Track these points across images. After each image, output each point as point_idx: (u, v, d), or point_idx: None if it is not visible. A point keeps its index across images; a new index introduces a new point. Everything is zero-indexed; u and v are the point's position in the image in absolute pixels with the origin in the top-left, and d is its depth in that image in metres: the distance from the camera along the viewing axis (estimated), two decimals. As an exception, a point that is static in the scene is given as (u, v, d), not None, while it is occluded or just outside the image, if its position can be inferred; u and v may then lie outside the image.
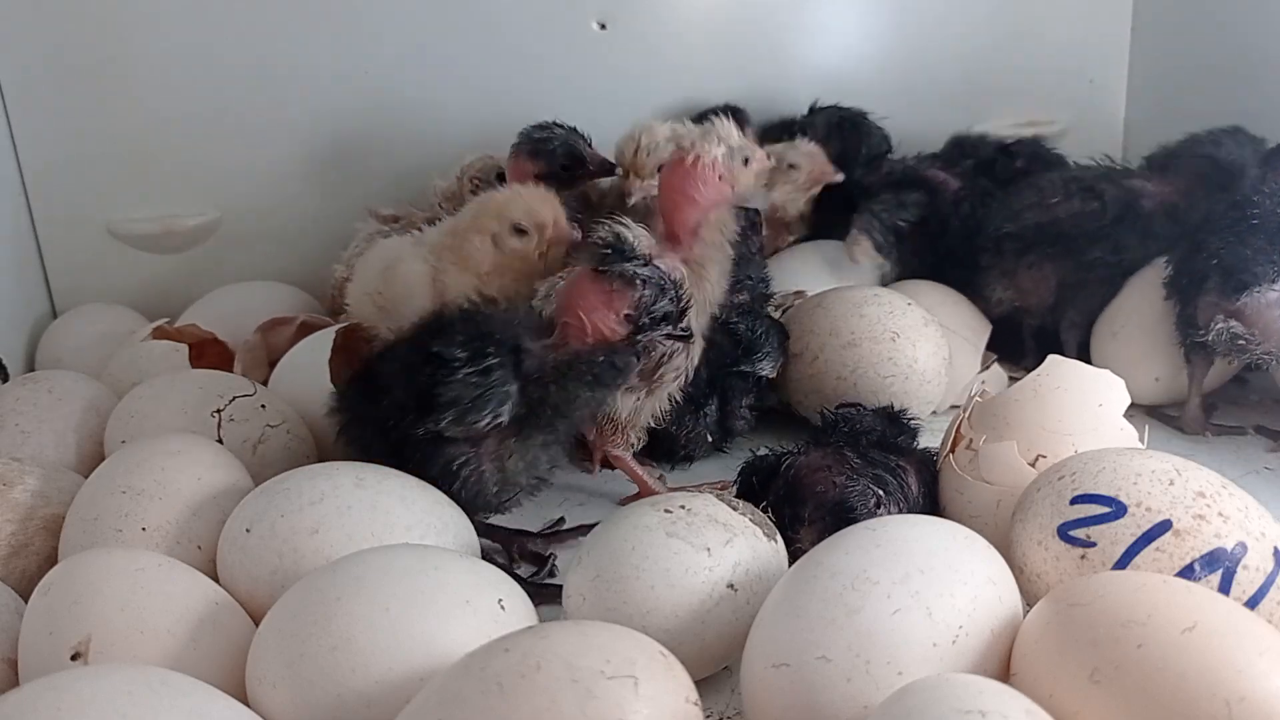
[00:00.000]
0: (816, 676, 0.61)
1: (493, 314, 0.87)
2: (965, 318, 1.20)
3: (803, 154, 1.29)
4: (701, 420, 1.06)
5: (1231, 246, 1.00)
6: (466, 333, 0.85)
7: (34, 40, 1.30)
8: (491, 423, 0.84)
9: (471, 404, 0.83)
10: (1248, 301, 0.98)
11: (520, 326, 0.87)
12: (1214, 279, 1.01)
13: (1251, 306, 0.98)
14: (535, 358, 0.86)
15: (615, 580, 0.72)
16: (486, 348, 0.84)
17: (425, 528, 0.81)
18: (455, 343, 0.84)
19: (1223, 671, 0.54)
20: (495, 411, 0.83)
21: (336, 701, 0.64)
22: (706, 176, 0.94)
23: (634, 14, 1.43)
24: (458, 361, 0.83)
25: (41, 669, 0.67)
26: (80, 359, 1.22)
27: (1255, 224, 1.00)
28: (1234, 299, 0.99)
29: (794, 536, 0.82)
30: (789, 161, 1.28)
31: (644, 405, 0.96)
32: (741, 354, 1.06)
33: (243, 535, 0.78)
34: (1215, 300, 1.01)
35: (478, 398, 0.83)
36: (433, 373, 0.83)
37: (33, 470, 0.89)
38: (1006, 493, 0.80)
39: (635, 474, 1.00)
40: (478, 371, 0.83)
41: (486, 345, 0.84)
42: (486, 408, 0.83)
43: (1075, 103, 1.56)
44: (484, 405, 0.83)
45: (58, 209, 1.36)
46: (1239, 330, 0.99)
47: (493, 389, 0.83)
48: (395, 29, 1.37)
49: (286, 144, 1.40)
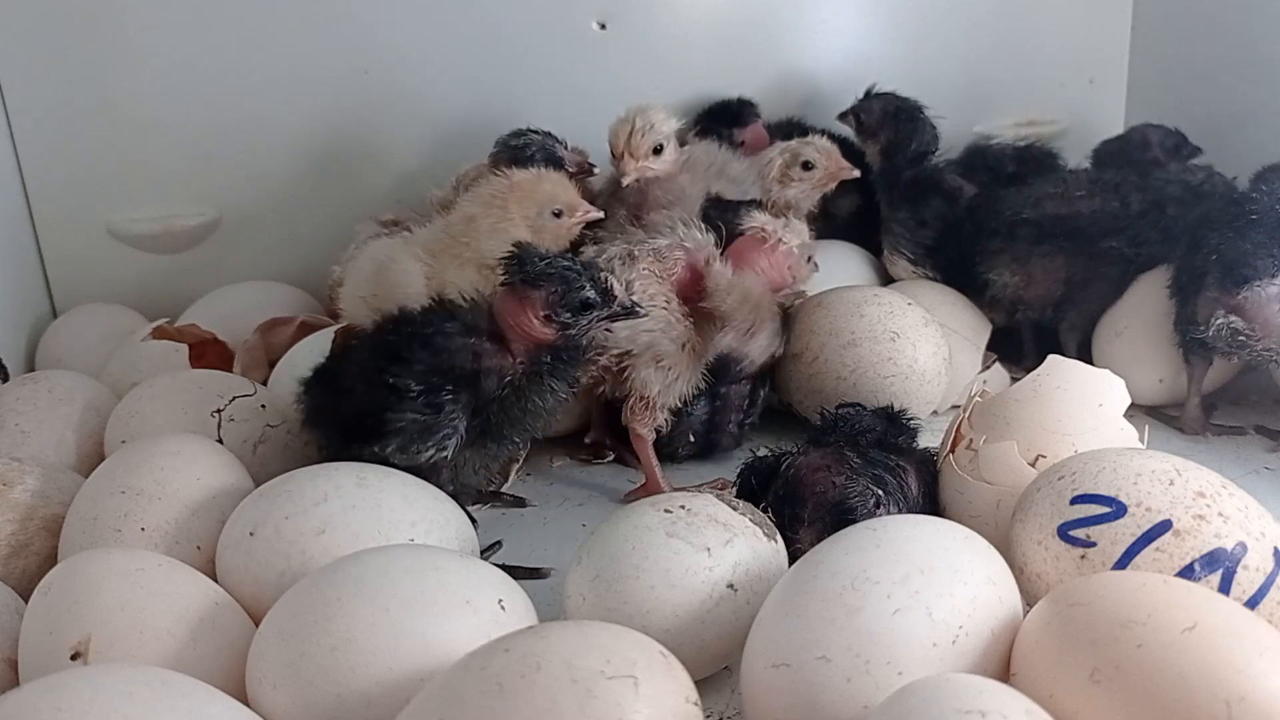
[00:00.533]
0: (816, 676, 0.61)
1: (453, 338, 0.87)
2: (965, 318, 1.20)
3: (819, 151, 1.27)
4: (685, 419, 1.06)
5: (1231, 242, 1.00)
6: (426, 362, 0.85)
7: (34, 40, 1.30)
8: (434, 456, 0.86)
9: (417, 435, 0.85)
10: (1248, 296, 0.98)
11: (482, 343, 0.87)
12: (1214, 274, 1.01)
13: (1252, 301, 0.98)
14: (494, 376, 0.87)
15: (615, 580, 0.72)
16: (444, 383, 0.85)
17: (429, 524, 0.82)
18: (414, 373, 0.85)
19: (1223, 671, 0.54)
20: (440, 445, 0.85)
21: (336, 701, 0.64)
22: (778, 261, 1.02)
23: (634, 14, 1.43)
24: (412, 394, 0.84)
25: (41, 669, 0.67)
26: (80, 359, 1.22)
27: (1255, 219, 1.00)
28: (1234, 294, 0.99)
29: (794, 536, 0.82)
30: (804, 159, 1.27)
31: (674, 385, 0.98)
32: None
33: (246, 539, 0.78)
34: (1215, 295, 1.01)
35: (424, 430, 0.85)
36: (385, 399, 0.85)
37: (33, 470, 0.89)
38: (1006, 493, 0.80)
39: (648, 461, 1.01)
40: (430, 405, 0.85)
41: (444, 380, 0.85)
42: (431, 440, 0.85)
43: (1075, 103, 1.56)
44: (429, 438, 0.85)
45: (58, 209, 1.36)
46: (1239, 325, 0.99)
47: (441, 425, 0.85)
48: (395, 29, 1.37)
49: (286, 144, 1.40)
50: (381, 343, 0.89)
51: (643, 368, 0.98)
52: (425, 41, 1.38)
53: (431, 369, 0.85)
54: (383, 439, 0.85)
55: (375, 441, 0.85)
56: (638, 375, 0.98)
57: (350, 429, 0.87)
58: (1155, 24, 1.50)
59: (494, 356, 0.88)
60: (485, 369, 0.87)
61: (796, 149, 1.27)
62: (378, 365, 0.86)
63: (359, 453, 0.86)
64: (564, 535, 0.97)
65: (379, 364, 0.86)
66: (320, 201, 1.41)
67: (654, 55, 1.44)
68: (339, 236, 1.27)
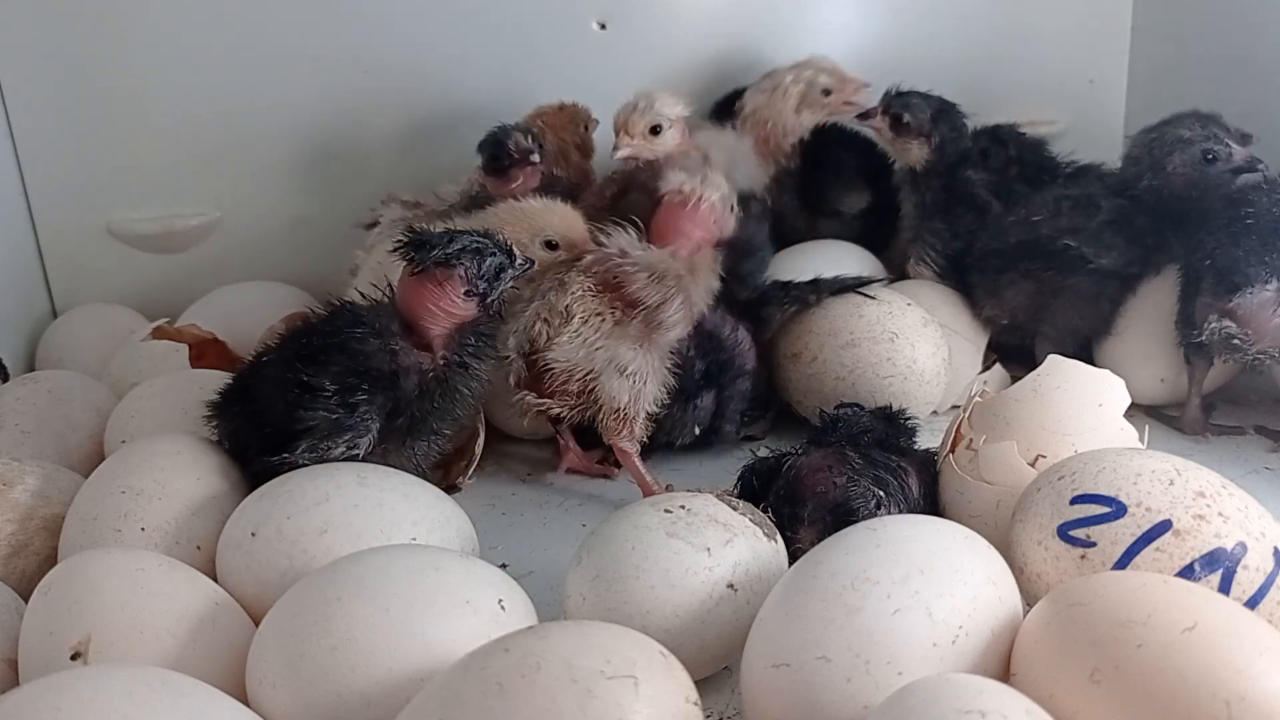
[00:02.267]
0: (816, 676, 0.61)
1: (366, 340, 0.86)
2: (966, 318, 1.20)
3: (831, 74, 1.24)
4: (691, 410, 1.06)
5: (1225, 247, 1.00)
6: (341, 364, 0.85)
7: (34, 40, 1.30)
8: (344, 455, 0.85)
9: (328, 433, 0.84)
10: (1240, 302, 0.98)
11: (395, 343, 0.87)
12: (1209, 279, 1.01)
13: (1244, 307, 0.99)
14: (413, 374, 0.87)
15: (615, 580, 0.72)
16: (360, 383, 0.85)
17: (430, 523, 0.82)
18: (329, 373, 0.84)
19: (1223, 671, 0.54)
20: (351, 444, 0.85)
21: (336, 701, 0.64)
22: (703, 218, 1.00)
23: (634, 14, 1.43)
24: (326, 392, 0.84)
25: (41, 669, 0.67)
26: (80, 359, 1.22)
27: (1249, 224, 1.00)
28: (1227, 299, 0.99)
29: (794, 536, 0.82)
30: (822, 86, 1.25)
31: (643, 390, 0.97)
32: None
33: (248, 539, 0.78)
34: (1210, 300, 1.01)
35: (334, 428, 0.84)
36: (298, 399, 0.84)
37: (33, 470, 0.89)
38: (1006, 493, 0.80)
39: (638, 472, 1.00)
40: (343, 405, 0.84)
41: (360, 380, 0.85)
42: (341, 439, 0.84)
43: (1075, 103, 1.56)
44: (339, 436, 0.84)
45: (58, 209, 1.36)
46: (1232, 330, 0.99)
47: (353, 423, 0.84)
48: (395, 29, 1.37)
49: (286, 144, 1.39)
50: (293, 351, 0.88)
51: (608, 381, 0.97)
52: (425, 41, 1.38)
53: (347, 370, 0.85)
54: (292, 440, 0.84)
55: (286, 445, 0.84)
56: (605, 390, 0.97)
57: (271, 440, 0.85)
58: (1155, 24, 1.50)
59: (409, 354, 0.87)
60: (403, 368, 0.87)
61: (811, 76, 1.25)
62: (291, 369, 0.85)
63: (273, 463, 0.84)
64: (564, 535, 0.97)
65: (293, 368, 0.85)
66: (320, 201, 1.41)
67: (654, 55, 1.44)
68: (339, 236, 1.27)
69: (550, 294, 0.97)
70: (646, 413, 0.99)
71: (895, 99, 1.26)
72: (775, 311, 1.11)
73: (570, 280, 0.97)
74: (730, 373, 1.07)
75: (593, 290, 0.97)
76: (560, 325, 0.96)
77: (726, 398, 1.08)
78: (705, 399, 1.06)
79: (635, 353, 0.97)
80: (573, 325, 0.95)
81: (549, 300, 0.96)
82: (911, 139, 1.25)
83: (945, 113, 1.25)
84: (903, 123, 1.24)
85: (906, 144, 1.26)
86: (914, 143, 1.25)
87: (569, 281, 0.97)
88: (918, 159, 1.26)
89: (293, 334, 0.91)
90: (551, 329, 0.96)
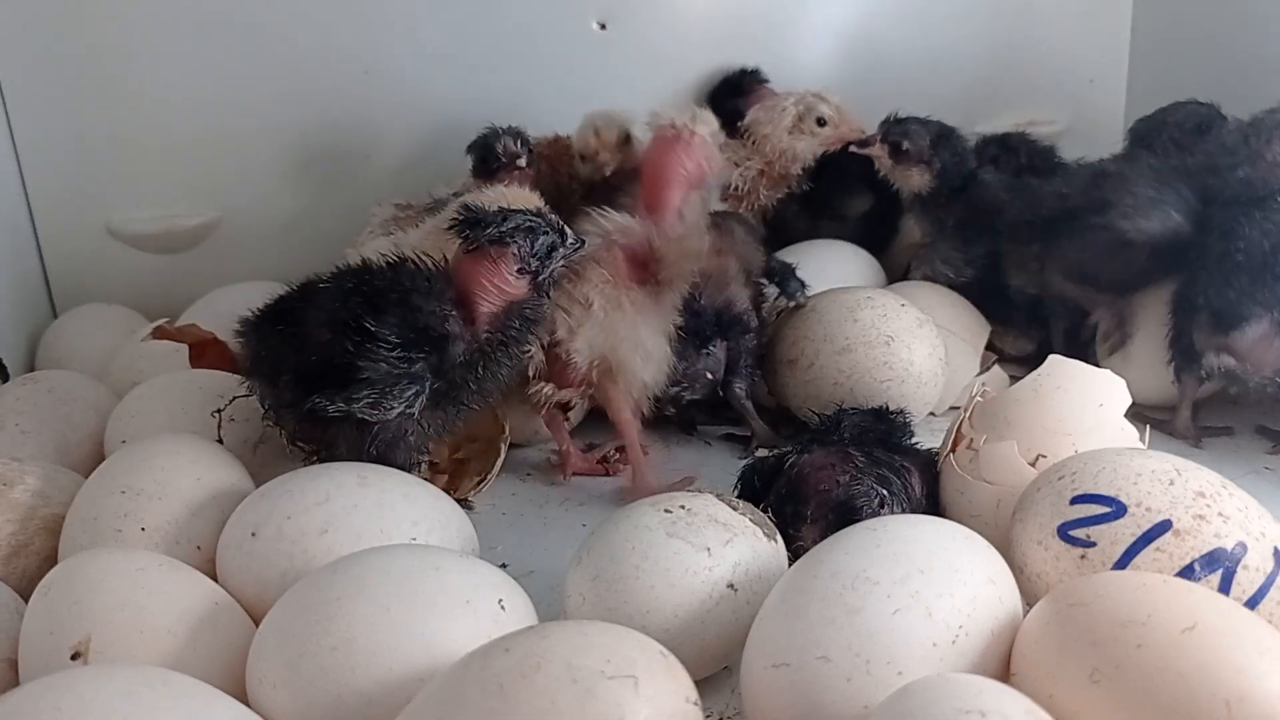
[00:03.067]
0: (816, 676, 0.61)
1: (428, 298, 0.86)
2: (962, 318, 1.20)
3: (835, 109, 1.24)
4: (705, 358, 1.06)
5: (1218, 288, 1.01)
6: (401, 318, 0.85)
7: (34, 40, 1.30)
8: (404, 412, 0.84)
9: (389, 389, 0.83)
10: (1237, 337, 1.01)
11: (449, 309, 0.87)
12: (1204, 316, 1.03)
13: (1242, 342, 1.01)
14: (459, 343, 0.87)
15: (615, 580, 0.72)
16: (419, 339, 0.84)
17: (431, 523, 0.82)
18: (390, 325, 0.84)
19: (1223, 671, 0.54)
20: (410, 402, 0.84)
21: (336, 701, 0.64)
22: (693, 153, 0.98)
23: (634, 14, 1.43)
24: (386, 345, 0.83)
25: (41, 669, 0.67)
26: (80, 359, 1.22)
27: (1239, 261, 1.00)
28: (1225, 335, 1.01)
29: (796, 535, 0.82)
30: (819, 114, 1.24)
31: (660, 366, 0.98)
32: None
33: (248, 539, 0.78)
34: (1208, 335, 1.02)
35: (396, 384, 0.83)
36: (360, 347, 0.83)
37: (33, 470, 0.89)
38: (1007, 493, 0.80)
39: (635, 446, 1.00)
40: (404, 359, 0.83)
41: (419, 336, 0.84)
42: (403, 396, 0.84)
43: (1075, 103, 1.56)
44: (402, 393, 0.84)
45: (58, 209, 1.36)
46: (1231, 364, 1.02)
47: (414, 379, 0.84)
48: (395, 29, 1.37)
49: (286, 144, 1.40)
50: (352, 289, 0.87)
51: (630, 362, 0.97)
52: (425, 41, 1.38)
53: (406, 324, 0.85)
54: (353, 389, 0.82)
55: (343, 392, 0.83)
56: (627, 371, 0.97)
57: (312, 378, 0.84)
58: (1155, 24, 1.50)
59: (458, 324, 0.88)
60: (451, 335, 0.87)
61: (813, 102, 1.25)
62: (349, 311, 0.84)
63: (318, 405, 0.83)
64: (564, 535, 0.97)
65: (351, 310, 0.84)
66: (320, 201, 1.41)
67: (654, 55, 1.44)
68: (339, 236, 1.27)
69: (567, 284, 0.96)
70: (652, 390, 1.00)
71: (893, 126, 1.26)
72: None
73: (584, 271, 0.97)
74: (738, 327, 1.08)
75: (609, 281, 0.97)
76: (582, 315, 0.96)
77: (736, 352, 1.08)
78: (717, 347, 1.07)
79: (653, 332, 0.98)
80: (595, 314, 0.96)
81: (566, 290, 0.96)
82: (912, 165, 1.25)
83: (945, 138, 1.25)
84: (902, 150, 1.25)
85: (907, 171, 1.25)
86: (914, 169, 1.25)
87: (587, 271, 0.97)
88: (920, 185, 1.26)
89: (348, 271, 0.90)
90: (573, 319, 0.96)
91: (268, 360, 0.88)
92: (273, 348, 0.87)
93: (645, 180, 1.00)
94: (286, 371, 0.86)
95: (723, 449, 1.14)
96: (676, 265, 0.97)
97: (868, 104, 1.43)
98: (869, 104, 1.43)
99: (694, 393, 1.09)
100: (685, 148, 0.99)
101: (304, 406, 0.84)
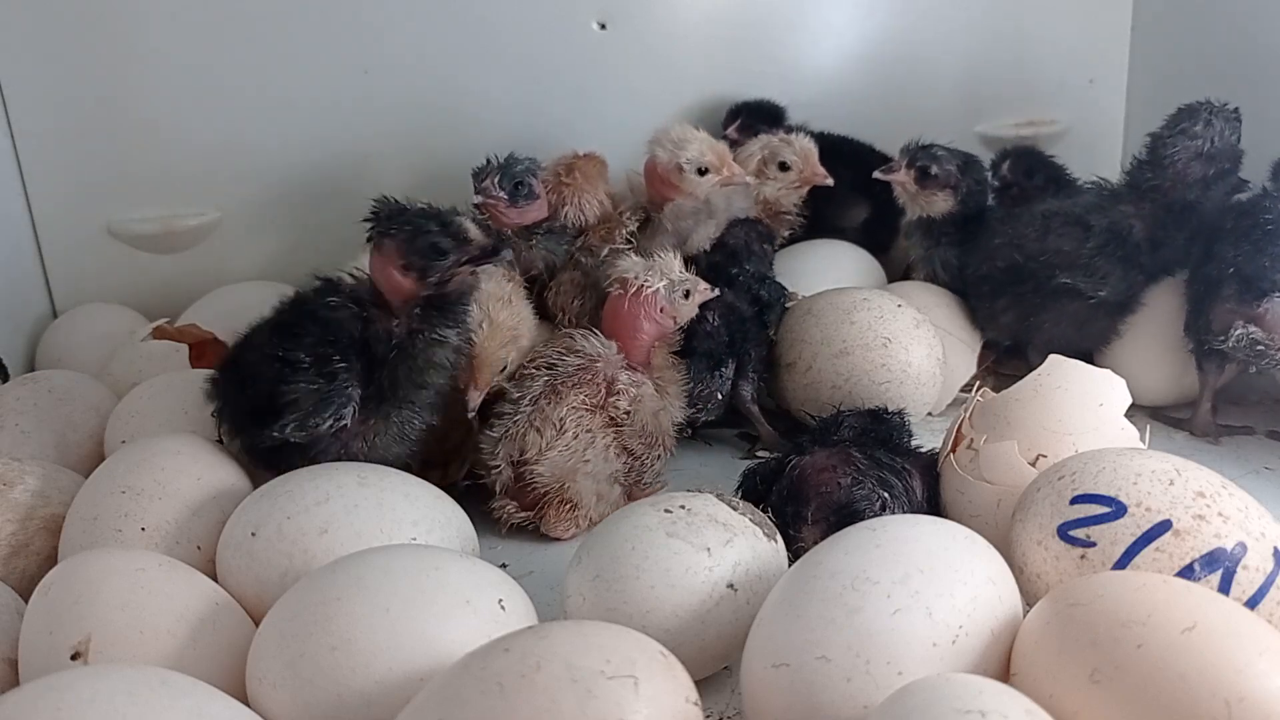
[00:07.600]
0: (816, 676, 0.61)
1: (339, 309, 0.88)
2: (960, 319, 1.20)
3: (797, 153, 1.25)
4: (717, 379, 1.07)
5: (1248, 255, 1.01)
6: (314, 334, 0.86)
7: (34, 41, 1.30)
8: (334, 426, 0.86)
9: (313, 407, 0.85)
10: (1268, 308, 1.00)
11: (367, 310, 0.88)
12: (1231, 286, 1.02)
13: (1272, 313, 1.00)
14: (381, 340, 0.88)
15: (615, 580, 0.72)
16: (333, 352, 0.86)
17: (430, 523, 0.82)
18: (303, 345, 0.86)
19: (1223, 671, 0.54)
20: (337, 415, 0.86)
21: (336, 701, 0.64)
22: (649, 310, 0.98)
23: (634, 14, 1.43)
24: (303, 364, 0.85)
25: (41, 669, 0.67)
26: (80, 359, 1.22)
27: (1270, 230, 1.01)
28: (1254, 306, 1.01)
29: (797, 536, 0.82)
30: (781, 159, 1.25)
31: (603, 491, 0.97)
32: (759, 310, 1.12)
33: (248, 539, 0.78)
34: (1234, 307, 1.02)
35: (319, 400, 0.85)
36: (279, 373, 0.85)
37: (33, 470, 0.89)
38: (1007, 492, 0.80)
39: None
40: (321, 375, 0.85)
41: (333, 349, 0.86)
42: (328, 411, 0.85)
43: (1075, 103, 1.56)
44: (325, 408, 0.85)
45: (58, 209, 1.36)
46: (1259, 336, 1.01)
47: (335, 392, 0.85)
48: (395, 30, 1.37)
49: (286, 144, 1.39)
50: (275, 324, 0.90)
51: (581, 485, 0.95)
52: (425, 41, 1.38)
53: (320, 340, 0.86)
54: (279, 416, 0.85)
55: (274, 421, 0.85)
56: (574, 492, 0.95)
57: (260, 413, 0.87)
58: (1155, 24, 1.50)
59: (378, 321, 0.89)
60: (372, 334, 0.88)
61: (776, 147, 1.26)
62: (270, 344, 0.87)
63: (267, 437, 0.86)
64: (564, 535, 0.97)
65: (271, 342, 0.87)
66: (320, 202, 1.40)
67: (654, 55, 1.44)
68: (339, 237, 1.27)
69: (543, 401, 0.95)
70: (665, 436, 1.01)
71: (920, 151, 1.24)
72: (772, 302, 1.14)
73: (563, 391, 0.95)
74: (749, 341, 1.09)
75: (587, 405, 0.95)
76: (553, 437, 0.94)
77: (745, 358, 1.09)
78: (728, 367, 1.08)
79: (608, 460, 0.96)
80: (565, 438, 0.94)
81: (541, 408, 0.94)
82: (937, 190, 1.24)
83: (971, 164, 1.25)
84: (930, 174, 1.23)
85: (931, 195, 1.24)
86: (939, 194, 1.24)
87: (563, 392, 0.95)
88: (941, 210, 1.25)
89: (276, 308, 0.93)
90: (544, 439, 0.94)
91: (226, 408, 0.91)
92: (225, 396, 0.91)
93: (612, 333, 0.99)
94: (239, 414, 0.89)
95: (723, 449, 1.14)
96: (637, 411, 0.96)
97: (868, 104, 1.43)
98: (869, 104, 1.43)
99: (708, 414, 1.08)
100: (646, 306, 0.98)
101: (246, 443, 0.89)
